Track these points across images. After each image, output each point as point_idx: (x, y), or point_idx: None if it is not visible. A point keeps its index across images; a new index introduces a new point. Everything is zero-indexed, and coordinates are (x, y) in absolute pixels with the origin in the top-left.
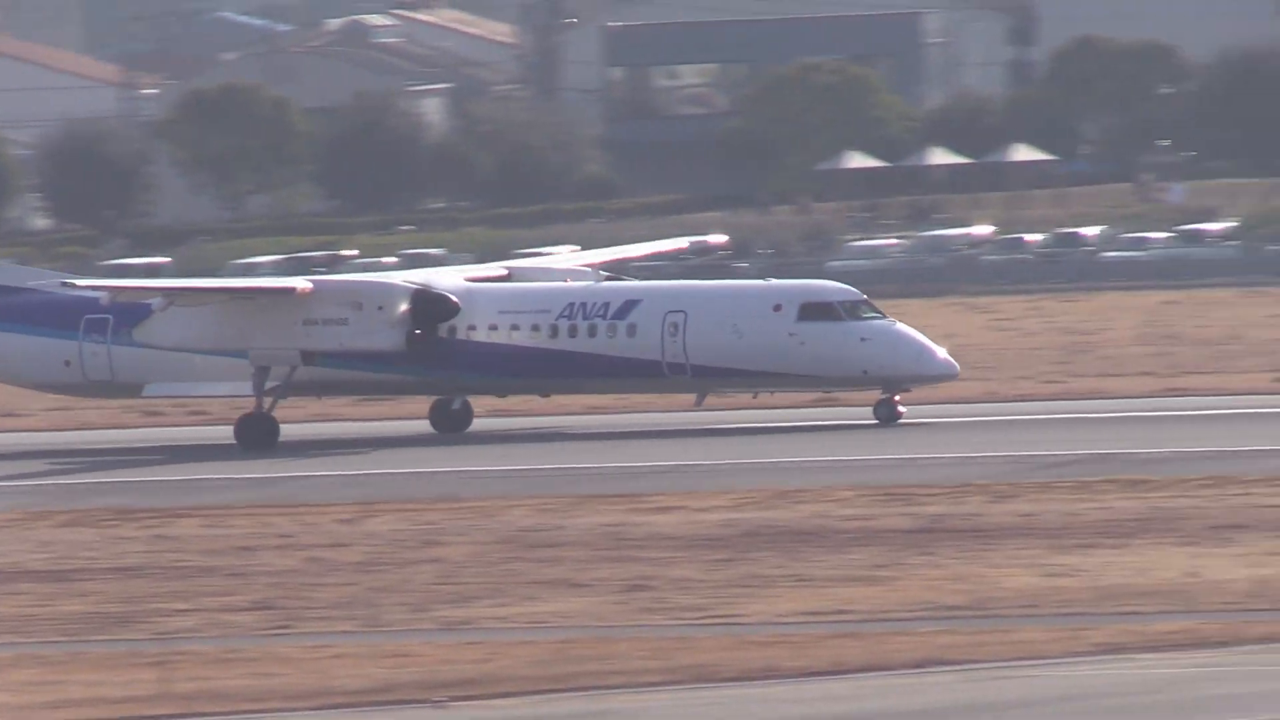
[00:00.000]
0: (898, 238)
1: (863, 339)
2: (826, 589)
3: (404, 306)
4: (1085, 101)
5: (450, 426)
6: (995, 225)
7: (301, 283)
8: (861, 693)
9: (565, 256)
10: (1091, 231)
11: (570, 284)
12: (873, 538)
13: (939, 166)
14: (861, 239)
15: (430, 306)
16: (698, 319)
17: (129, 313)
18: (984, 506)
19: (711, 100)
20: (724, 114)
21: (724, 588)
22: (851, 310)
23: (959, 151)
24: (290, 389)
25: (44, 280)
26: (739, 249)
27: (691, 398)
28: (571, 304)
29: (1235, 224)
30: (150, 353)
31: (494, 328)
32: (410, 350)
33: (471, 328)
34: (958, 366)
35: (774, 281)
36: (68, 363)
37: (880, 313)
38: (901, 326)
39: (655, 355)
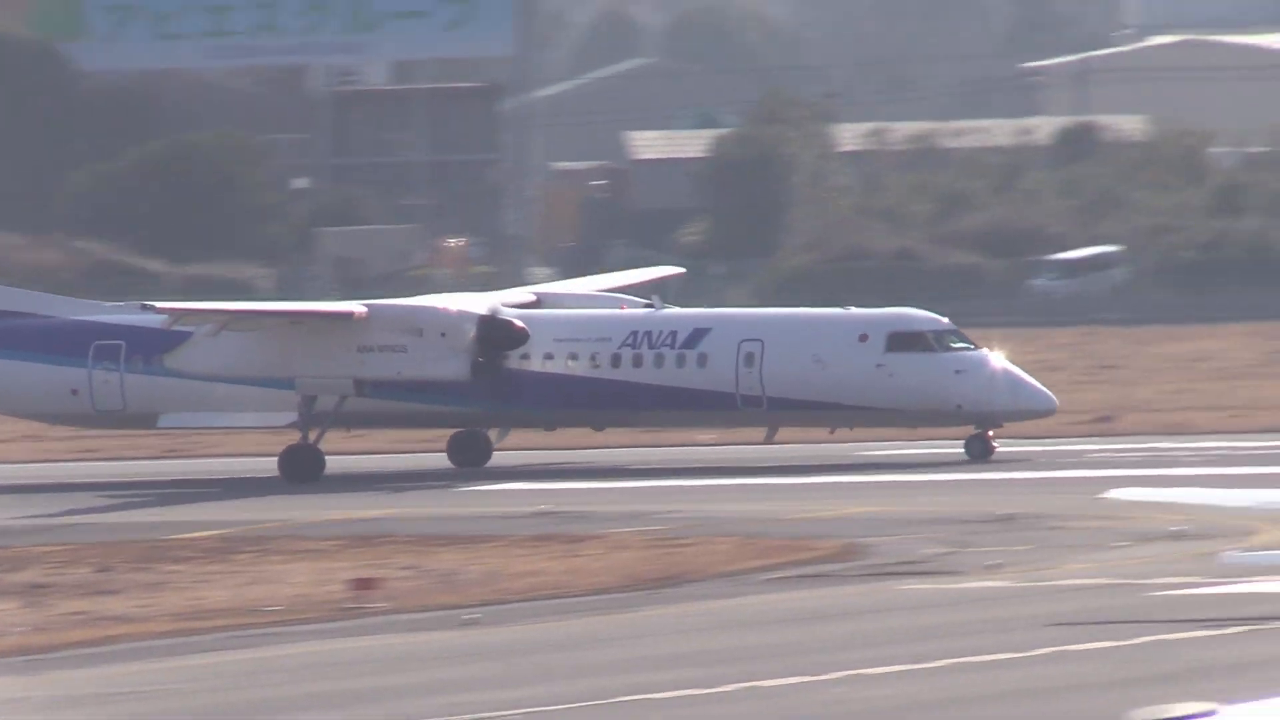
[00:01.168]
0: None
1: (957, 371)
2: None
3: (470, 333)
4: None
5: (470, 460)
6: None
7: (357, 307)
8: None
9: (583, 283)
10: None
11: (630, 311)
12: None
13: None
14: None
15: (497, 333)
16: (776, 348)
17: (146, 339)
18: None
19: None
20: None
21: None
22: (942, 340)
23: None
24: (340, 420)
25: (46, 305)
26: None
27: (761, 433)
28: (635, 332)
29: None
30: (166, 381)
31: (549, 356)
32: (476, 380)
33: (525, 356)
34: (1056, 400)
35: (856, 309)
36: (75, 392)
37: (971, 343)
38: (996, 358)
39: (729, 387)
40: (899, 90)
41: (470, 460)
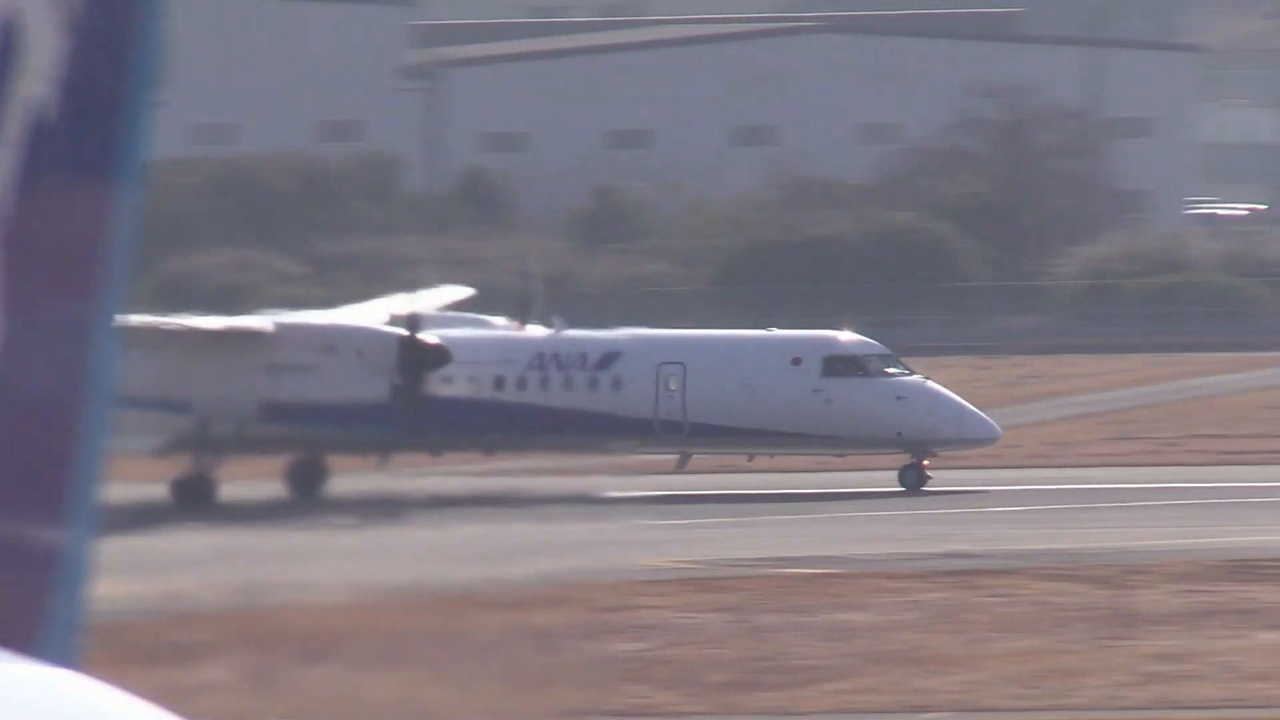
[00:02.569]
0: None
1: (898, 397)
2: None
3: (390, 353)
4: None
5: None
6: None
7: (265, 323)
8: None
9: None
10: None
11: (529, 334)
12: None
13: None
14: None
15: (418, 354)
16: (700, 372)
17: None
18: None
19: None
20: None
21: None
22: (879, 365)
23: None
24: (239, 445)
25: None
26: None
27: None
28: (541, 354)
29: None
30: None
31: (448, 380)
32: (394, 404)
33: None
34: (999, 430)
35: (779, 331)
36: None
37: (908, 368)
38: (935, 385)
39: (646, 413)
40: None
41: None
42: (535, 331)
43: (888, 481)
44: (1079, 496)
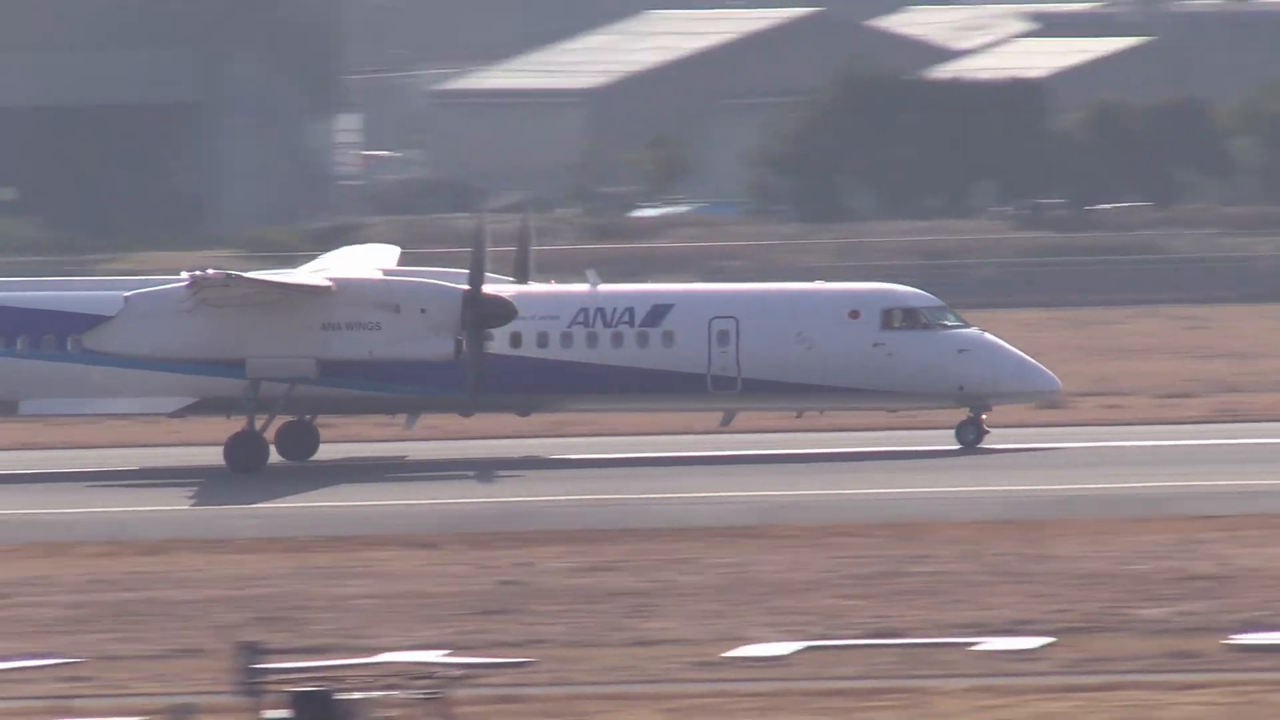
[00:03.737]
0: None
1: (960, 350)
2: None
3: (455, 310)
4: None
5: (299, 452)
6: None
7: (322, 280)
8: None
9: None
10: None
11: (568, 289)
12: None
13: None
14: None
15: (483, 309)
16: (753, 326)
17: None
18: None
19: None
20: None
21: None
22: (938, 317)
23: None
24: (292, 405)
25: None
26: None
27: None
28: (585, 309)
29: None
30: (26, 364)
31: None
32: (459, 362)
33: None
34: (1060, 382)
35: (835, 285)
36: None
37: (963, 320)
38: (993, 337)
39: (699, 368)
40: None
41: (299, 453)
42: (572, 288)
43: (935, 440)
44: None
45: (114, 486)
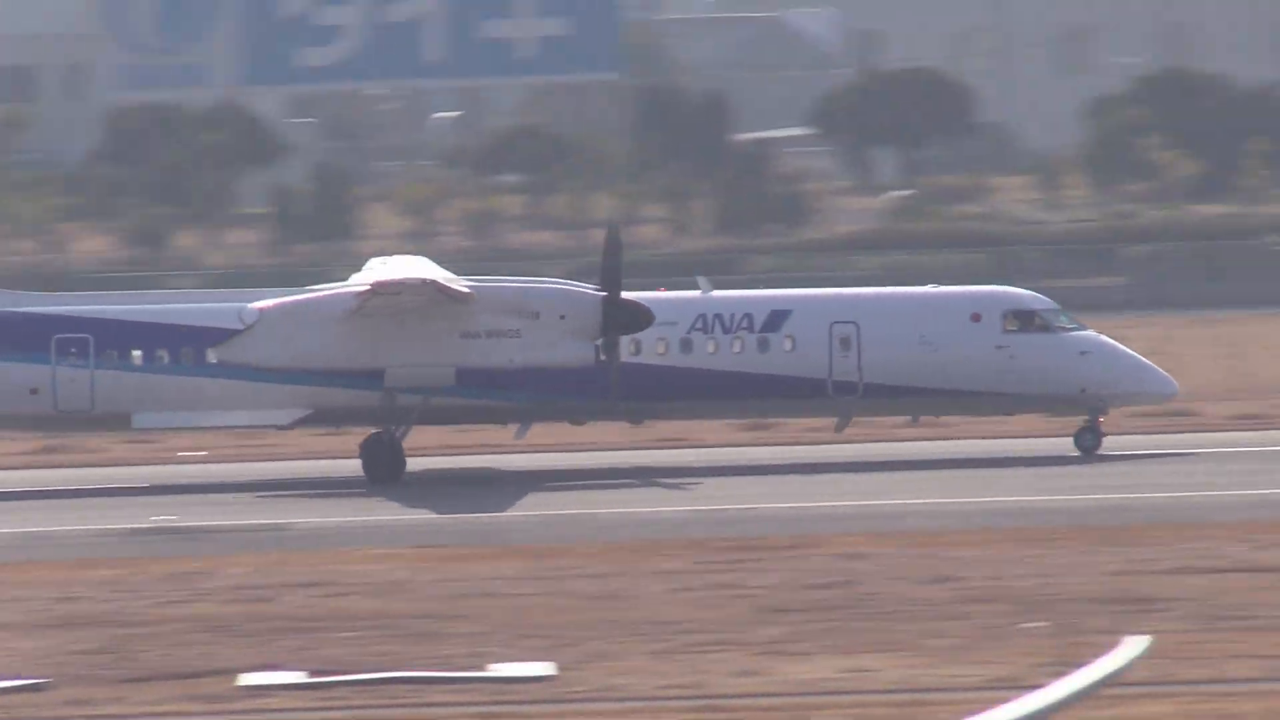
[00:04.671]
0: None
1: (1081, 352)
2: None
3: (594, 315)
4: None
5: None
6: None
7: (460, 286)
8: None
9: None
10: None
11: (682, 295)
12: None
13: None
14: None
15: (621, 315)
16: (875, 331)
17: (114, 332)
18: None
19: None
20: None
21: None
22: (1056, 320)
23: None
24: (427, 416)
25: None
26: None
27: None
28: (703, 315)
29: None
30: (140, 377)
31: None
32: (600, 368)
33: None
34: (1176, 384)
35: (953, 288)
36: (34, 391)
37: (1079, 322)
38: (1109, 339)
39: (820, 373)
40: None
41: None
42: (687, 294)
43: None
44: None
45: (288, 496)
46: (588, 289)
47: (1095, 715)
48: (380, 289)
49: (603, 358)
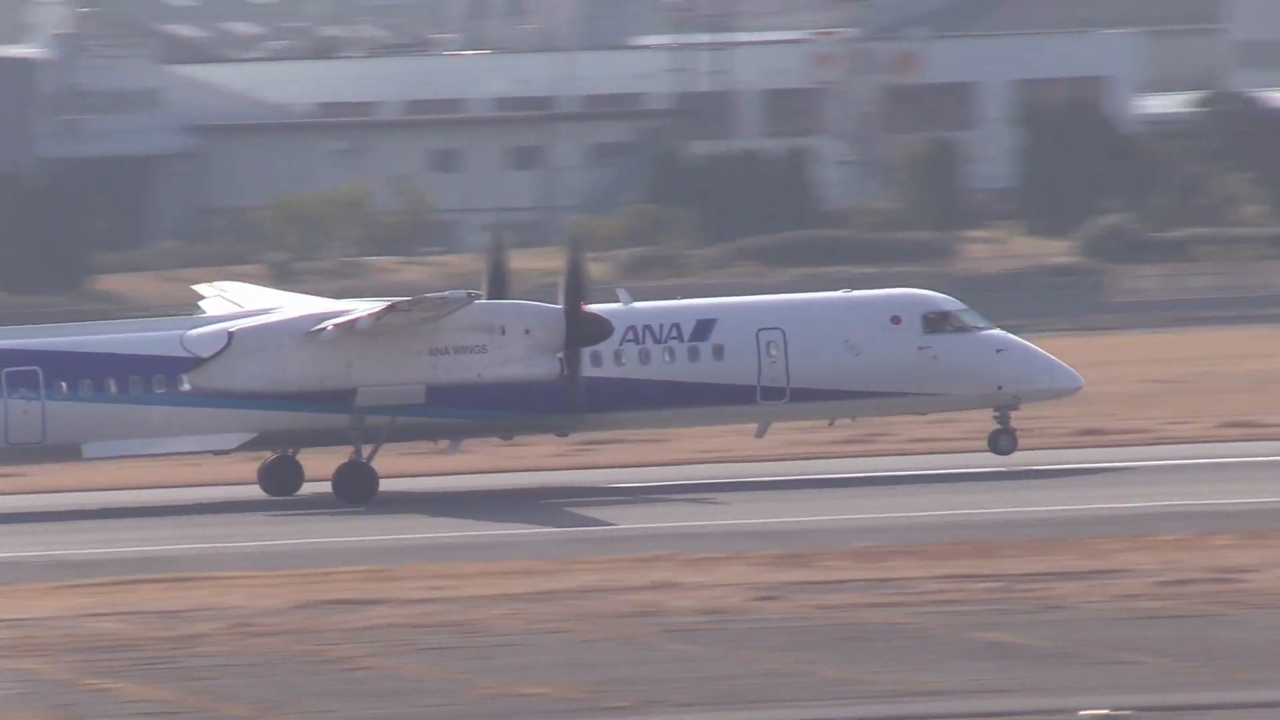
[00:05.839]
0: None
1: (998, 350)
2: None
3: (559, 329)
4: None
5: (282, 488)
6: None
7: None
8: None
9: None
10: None
11: (608, 307)
12: None
13: None
14: None
15: (582, 329)
16: (799, 336)
17: (62, 365)
18: None
19: None
20: None
21: None
22: (970, 320)
23: None
24: (395, 433)
25: None
26: None
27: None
28: (632, 327)
29: None
30: (90, 408)
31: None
32: (562, 382)
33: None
34: (1083, 379)
35: (869, 292)
36: None
37: (988, 322)
38: (1016, 337)
39: (749, 380)
40: None
41: (283, 489)
42: (611, 306)
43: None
44: None
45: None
46: (553, 305)
47: None
48: (416, 305)
49: (565, 371)
